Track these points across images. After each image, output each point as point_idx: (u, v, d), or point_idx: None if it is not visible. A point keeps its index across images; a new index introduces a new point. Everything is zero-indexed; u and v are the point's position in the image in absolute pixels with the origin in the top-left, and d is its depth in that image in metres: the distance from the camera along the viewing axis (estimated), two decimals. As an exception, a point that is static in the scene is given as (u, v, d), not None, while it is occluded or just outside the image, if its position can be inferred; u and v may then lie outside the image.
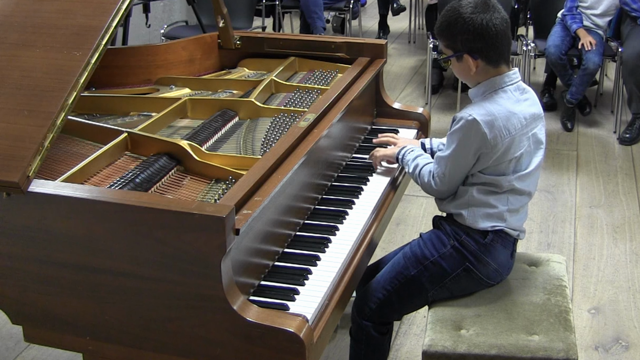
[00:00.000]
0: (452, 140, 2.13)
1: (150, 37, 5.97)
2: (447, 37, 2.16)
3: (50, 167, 2.05)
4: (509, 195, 2.17)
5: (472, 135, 2.08)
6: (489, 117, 2.07)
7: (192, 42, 2.91)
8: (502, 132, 2.08)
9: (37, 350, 2.86)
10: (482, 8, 2.09)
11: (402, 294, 2.26)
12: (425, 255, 2.23)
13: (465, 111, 2.11)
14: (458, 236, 2.20)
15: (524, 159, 2.15)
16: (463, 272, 2.20)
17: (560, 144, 4.90)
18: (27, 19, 2.06)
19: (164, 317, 1.78)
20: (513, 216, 2.20)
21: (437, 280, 2.22)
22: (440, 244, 2.22)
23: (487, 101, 2.13)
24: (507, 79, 2.15)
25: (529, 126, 2.15)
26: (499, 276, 2.25)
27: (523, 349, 2.06)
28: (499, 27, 2.09)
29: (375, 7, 7.74)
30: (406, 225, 3.84)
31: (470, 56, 2.12)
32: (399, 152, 2.41)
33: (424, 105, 5.43)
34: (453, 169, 2.15)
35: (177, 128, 2.44)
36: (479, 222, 2.17)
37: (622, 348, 2.93)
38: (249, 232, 1.81)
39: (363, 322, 2.30)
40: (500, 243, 2.20)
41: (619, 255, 3.59)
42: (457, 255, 2.20)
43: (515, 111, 2.11)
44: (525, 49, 5.15)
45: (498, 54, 2.12)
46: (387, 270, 2.31)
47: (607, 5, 4.96)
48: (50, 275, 1.85)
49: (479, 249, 2.18)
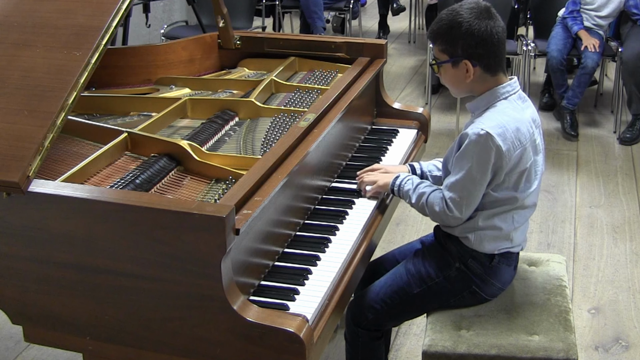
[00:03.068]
0: (467, 160, 2.01)
1: (150, 37, 5.97)
2: (446, 41, 2.06)
3: (50, 167, 2.05)
4: (514, 213, 2.11)
5: (487, 151, 1.98)
6: (501, 129, 1.99)
7: (192, 42, 2.91)
8: (515, 143, 2.01)
9: (37, 350, 2.86)
10: (486, 15, 2.04)
11: (402, 309, 2.24)
12: (430, 276, 2.18)
13: (474, 127, 2.01)
14: (464, 259, 2.15)
15: (532, 169, 2.09)
16: (468, 293, 2.18)
17: (560, 144, 4.90)
18: (27, 19, 2.05)
19: (164, 317, 1.77)
20: (518, 234, 2.16)
21: (441, 300, 2.20)
22: (445, 266, 2.17)
23: (493, 112, 2.05)
24: (510, 88, 2.09)
25: (534, 135, 2.10)
26: (501, 292, 2.24)
27: (523, 349, 2.05)
28: (501, 35, 2.05)
29: (375, 7, 7.74)
30: (406, 225, 3.84)
31: (470, 62, 2.04)
32: (393, 184, 2.25)
33: (424, 105, 5.43)
34: (470, 192, 2.04)
35: (177, 128, 2.44)
36: (486, 246, 2.12)
37: (622, 348, 2.93)
38: (249, 232, 1.81)
39: (359, 330, 2.27)
40: (505, 263, 2.17)
41: (619, 255, 3.59)
42: (463, 277, 2.16)
43: (522, 120, 2.05)
44: (525, 49, 5.15)
45: (497, 63, 2.06)
46: (387, 283, 2.24)
47: (613, 8, 4.95)
48: (50, 275, 1.85)
49: (485, 272, 2.15)
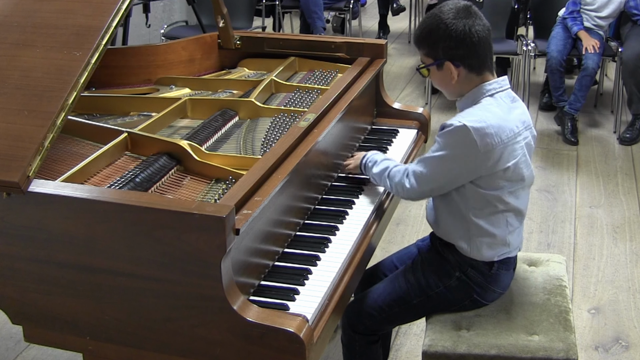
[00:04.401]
0: (440, 145, 2.03)
1: (150, 37, 5.97)
2: (427, 45, 2.08)
3: (50, 167, 2.05)
4: (507, 216, 2.09)
5: (461, 142, 1.98)
6: (480, 124, 1.97)
7: (192, 42, 2.91)
8: (494, 140, 1.98)
9: (37, 350, 2.86)
10: (464, 14, 2.03)
11: (400, 316, 2.23)
12: (429, 285, 2.17)
13: (454, 118, 2.02)
14: (463, 268, 2.14)
15: (518, 169, 2.05)
16: (469, 302, 2.17)
17: (560, 144, 4.90)
18: (27, 19, 2.05)
19: (164, 317, 1.77)
20: (514, 237, 2.15)
21: (441, 309, 2.19)
22: (445, 275, 2.16)
23: (475, 108, 2.05)
24: (497, 85, 2.07)
25: (522, 135, 2.06)
26: (501, 295, 2.23)
27: (523, 349, 2.06)
28: (481, 33, 2.03)
29: (375, 7, 7.74)
30: (406, 225, 3.84)
31: (452, 64, 2.04)
32: (363, 159, 2.30)
33: (424, 105, 5.43)
34: (435, 173, 2.05)
35: (177, 128, 2.44)
36: (483, 253, 2.10)
37: (622, 348, 2.93)
38: (249, 232, 1.81)
39: (355, 335, 2.26)
40: (504, 269, 2.16)
41: (619, 255, 3.59)
42: (463, 287, 2.15)
43: (507, 118, 2.03)
44: (525, 49, 5.15)
45: (480, 62, 2.05)
46: (386, 290, 2.22)
47: (613, 9, 4.94)
48: (50, 275, 1.85)
49: (485, 280, 2.14)
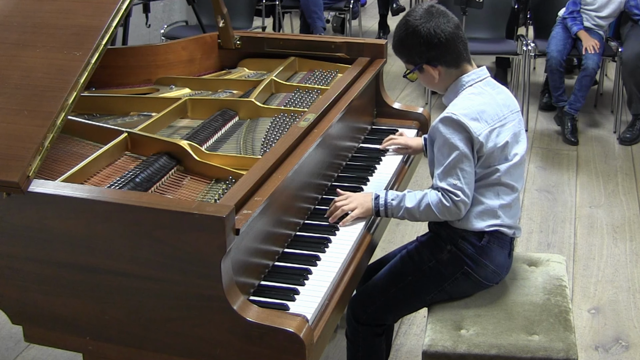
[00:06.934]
0: (445, 144, 2.07)
1: (150, 37, 5.97)
2: (403, 54, 2.19)
3: (50, 167, 2.05)
4: (499, 188, 2.14)
5: (456, 130, 2.06)
6: (464, 110, 2.07)
7: (192, 42, 2.91)
8: (480, 123, 2.07)
9: (37, 350, 2.86)
10: (427, 17, 2.11)
11: (399, 299, 2.25)
12: (422, 260, 2.22)
13: (438, 118, 2.11)
14: (454, 240, 2.17)
15: (508, 149, 2.13)
16: (461, 275, 2.19)
17: (560, 144, 4.90)
18: (27, 19, 2.05)
19: (164, 317, 1.77)
20: (506, 212, 2.17)
21: (436, 285, 2.21)
22: (437, 249, 2.20)
23: (456, 100, 2.14)
24: (475, 75, 2.16)
25: (507, 118, 2.14)
26: (497, 277, 2.24)
27: (523, 349, 2.06)
28: (447, 31, 2.10)
29: (375, 7, 7.74)
30: (406, 225, 3.84)
31: (430, 65, 2.14)
32: (376, 205, 2.16)
33: (424, 105, 5.44)
34: (463, 170, 2.07)
35: (177, 128, 2.44)
36: (473, 222, 2.14)
37: (622, 348, 2.93)
38: (249, 232, 1.81)
39: (359, 326, 2.29)
40: (496, 244, 2.18)
41: (619, 255, 3.59)
42: (455, 259, 2.18)
43: (490, 103, 2.12)
44: (525, 49, 5.15)
45: (455, 56, 2.14)
46: (384, 275, 2.28)
47: (613, 9, 4.94)
48: (50, 275, 1.85)
49: (476, 252, 2.17)
